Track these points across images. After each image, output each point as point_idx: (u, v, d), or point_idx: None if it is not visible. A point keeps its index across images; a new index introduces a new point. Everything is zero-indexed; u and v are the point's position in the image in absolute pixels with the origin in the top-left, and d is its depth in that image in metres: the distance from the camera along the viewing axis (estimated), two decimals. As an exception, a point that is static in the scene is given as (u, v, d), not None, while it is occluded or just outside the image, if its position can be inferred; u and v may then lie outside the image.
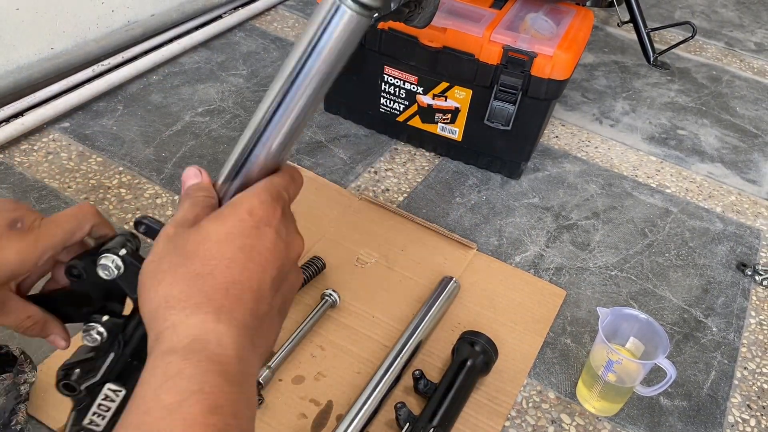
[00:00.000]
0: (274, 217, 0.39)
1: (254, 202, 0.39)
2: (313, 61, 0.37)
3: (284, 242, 0.39)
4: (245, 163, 0.41)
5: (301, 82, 0.38)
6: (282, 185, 0.41)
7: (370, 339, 0.90)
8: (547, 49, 1.03)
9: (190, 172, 0.44)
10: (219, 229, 0.38)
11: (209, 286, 0.36)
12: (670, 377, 0.78)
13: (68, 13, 1.27)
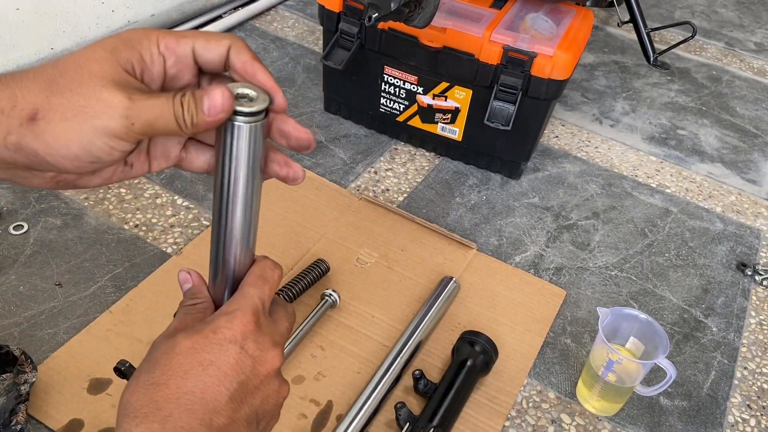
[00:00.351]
0: (241, 333, 0.41)
1: (222, 321, 0.41)
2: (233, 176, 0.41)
3: (251, 357, 0.41)
4: (219, 263, 0.45)
5: (231, 195, 0.42)
6: (255, 294, 0.43)
7: (370, 339, 0.90)
8: (547, 49, 1.03)
9: (181, 277, 0.47)
10: (185, 342, 0.40)
11: (161, 395, 0.38)
12: (670, 377, 0.78)
13: (68, 13, 1.27)
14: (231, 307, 0.42)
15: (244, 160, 0.40)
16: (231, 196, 0.42)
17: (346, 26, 1.14)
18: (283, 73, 1.40)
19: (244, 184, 0.41)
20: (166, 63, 0.40)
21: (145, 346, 0.84)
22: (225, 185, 0.41)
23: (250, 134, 0.39)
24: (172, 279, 0.93)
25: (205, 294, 0.46)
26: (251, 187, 0.42)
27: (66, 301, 0.89)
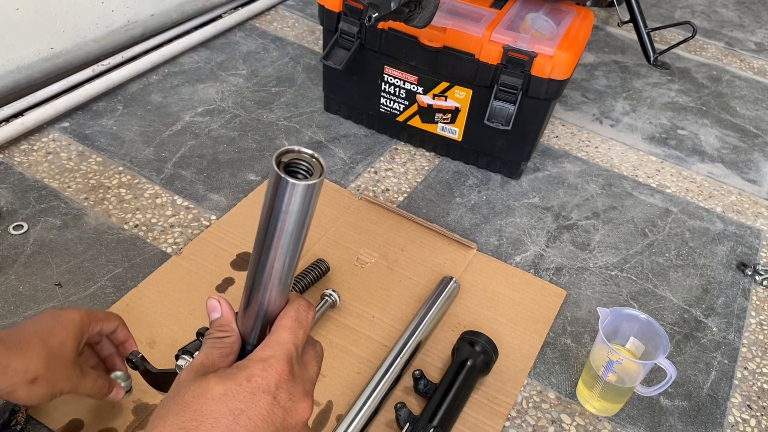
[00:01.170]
0: (275, 382, 0.40)
1: (256, 369, 0.41)
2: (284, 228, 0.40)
3: (283, 409, 0.40)
4: (252, 299, 0.44)
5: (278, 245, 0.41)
6: (290, 340, 0.43)
7: (370, 339, 0.90)
8: (547, 48, 1.03)
9: (210, 305, 0.46)
10: (217, 387, 0.40)
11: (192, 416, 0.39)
12: (671, 377, 0.78)
13: (68, 13, 1.27)
14: (266, 353, 0.42)
15: (296, 216, 0.39)
16: (275, 246, 0.41)
17: (346, 26, 1.14)
18: (283, 73, 1.40)
19: (291, 239, 0.41)
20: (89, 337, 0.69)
21: (145, 345, 0.84)
22: (273, 236, 0.40)
23: (305, 193, 0.39)
24: (172, 279, 0.93)
25: (233, 328, 0.45)
26: (299, 241, 0.42)
27: (66, 301, 0.89)
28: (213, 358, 0.43)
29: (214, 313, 0.46)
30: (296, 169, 0.39)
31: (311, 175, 0.39)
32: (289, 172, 0.39)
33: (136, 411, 0.77)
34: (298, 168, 0.39)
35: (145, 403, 0.78)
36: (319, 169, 0.39)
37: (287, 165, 0.39)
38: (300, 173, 0.39)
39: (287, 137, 1.24)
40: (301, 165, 0.39)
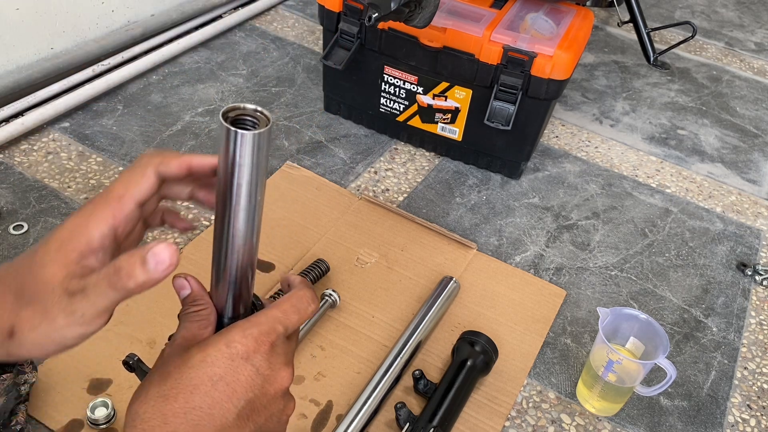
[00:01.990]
0: (255, 351, 0.41)
1: (237, 335, 0.41)
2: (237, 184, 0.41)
3: (262, 376, 0.41)
4: (221, 269, 0.45)
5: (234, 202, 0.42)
6: (278, 318, 0.43)
7: (370, 339, 0.90)
8: (547, 49, 1.03)
9: (177, 284, 0.46)
10: (197, 355, 0.41)
11: (169, 409, 0.39)
12: (671, 377, 0.78)
13: (68, 13, 1.27)
14: (250, 322, 0.42)
15: (248, 168, 0.40)
16: (234, 204, 0.42)
17: (346, 26, 1.14)
18: (283, 73, 1.40)
19: (248, 192, 0.41)
20: (118, 231, 0.43)
21: (145, 345, 0.84)
22: (229, 193, 0.41)
23: (254, 142, 0.39)
24: (171, 279, 0.93)
25: (207, 299, 0.46)
26: (255, 195, 0.42)
27: (66, 301, 0.89)
28: (192, 330, 0.43)
29: (184, 290, 0.46)
30: (243, 123, 0.40)
31: (257, 127, 0.40)
32: (237, 127, 0.39)
33: (136, 411, 0.77)
34: (245, 122, 0.40)
35: (145, 403, 0.78)
36: (265, 121, 0.40)
37: (234, 120, 0.40)
38: (247, 126, 0.40)
39: (287, 137, 1.24)
40: (247, 119, 0.40)
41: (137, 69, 1.31)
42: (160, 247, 0.39)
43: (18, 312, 0.41)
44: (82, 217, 0.42)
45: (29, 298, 0.41)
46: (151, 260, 0.39)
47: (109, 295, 0.40)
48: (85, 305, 0.40)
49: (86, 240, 0.41)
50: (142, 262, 0.39)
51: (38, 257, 0.42)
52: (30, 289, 0.41)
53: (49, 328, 0.41)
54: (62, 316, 0.40)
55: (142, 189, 0.44)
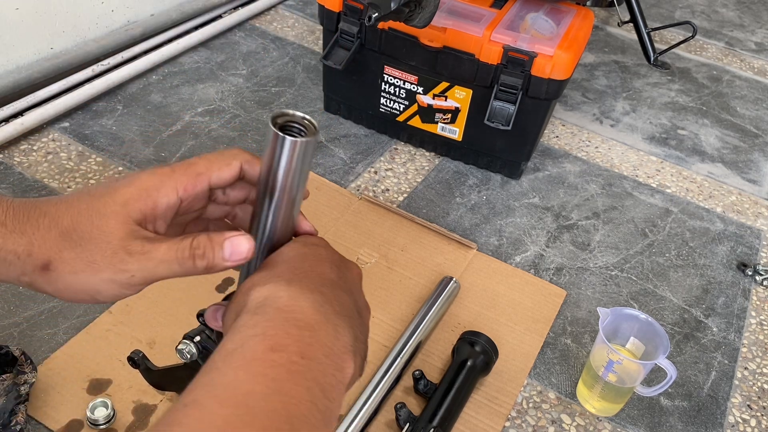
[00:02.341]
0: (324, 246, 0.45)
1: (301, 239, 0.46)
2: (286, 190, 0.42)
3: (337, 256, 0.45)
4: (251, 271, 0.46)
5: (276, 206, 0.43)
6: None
7: (370, 339, 0.89)
8: (547, 48, 1.03)
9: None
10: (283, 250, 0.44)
11: (279, 270, 0.41)
12: (671, 377, 0.78)
13: (68, 13, 1.27)
14: None
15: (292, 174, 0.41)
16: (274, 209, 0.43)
17: (346, 26, 1.14)
18: (283, 73, 1.39)
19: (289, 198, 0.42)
20: (182, 203, 0.42)
21: (145, 345, 0.84)
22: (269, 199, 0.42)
23: (300, 150, 0.40)
24: (172, 280, 0.93)
25: None
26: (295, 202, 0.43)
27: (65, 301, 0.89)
28: None
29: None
30: (290, 130, 0.41)
31: (305, 135, 0.41)
32: (285, 133, 0.40)
33: (135, 411, 0.77)
34: (292, 129, 0.41)
35: (145, 404, 0.78)
36: (312, 129, 0.41)
37: (282, 126, 0.41)
38: (294, 133, 0.41)
39: (287, 137, 1.24)
40: (295, 126, 0.41)
41: (137, 69, 1.31)
42: (241, 238, 0.41)
43: (61, 250, 0.40)
44: (156, 179, 0.42)
45: (78, 241, 0.40)
46: (228, 248, 0.40)
47: (172, 268, 0.41)
48: (141, 268, 0.40)
49: (153, 204, 0.41)
50: (220, 247, 0.40)
51: (99, 205, 0.41)
52: (82, 234, 0.40)
53: (90, 277, 0.40)
54: (110, 272, 0.40)
55: (222, 175, 0.44)
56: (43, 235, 0.40)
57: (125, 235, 0.40)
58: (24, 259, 0.40)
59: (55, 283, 0.40)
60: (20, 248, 0.40)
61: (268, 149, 0.40)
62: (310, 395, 0.35)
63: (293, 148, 0.40)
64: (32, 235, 0.40)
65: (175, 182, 0.42)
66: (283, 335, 0.36)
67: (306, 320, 0.38)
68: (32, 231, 0.40)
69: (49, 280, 0.40)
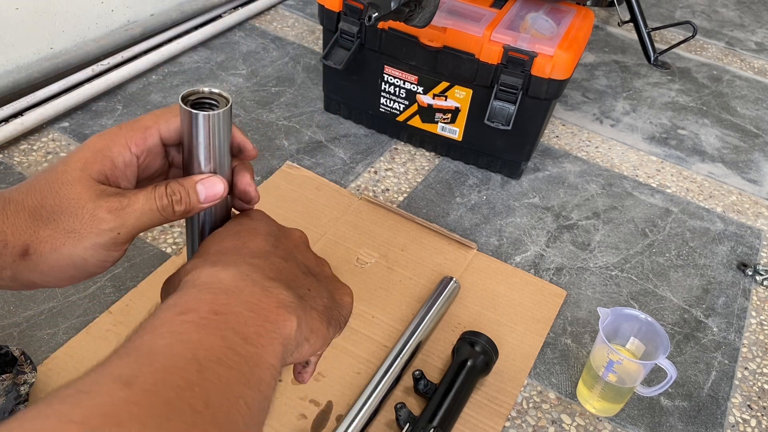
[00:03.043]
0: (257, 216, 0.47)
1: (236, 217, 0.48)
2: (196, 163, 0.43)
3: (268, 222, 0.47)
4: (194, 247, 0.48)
5: None
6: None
7: (370, 339, 0.90)
8: (547, 48, 1.03)
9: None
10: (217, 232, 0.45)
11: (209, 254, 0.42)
12: (671, 377, 0.78)
13: (68, 13, 1.27)
14: None
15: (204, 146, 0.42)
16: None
17: (346, 26, 1.14)
18: (282, 73, 1.39)
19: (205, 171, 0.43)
20: (139, 160, 0.42)
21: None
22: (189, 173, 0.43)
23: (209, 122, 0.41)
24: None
25: None
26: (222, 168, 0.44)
27: (65, 301, 0.89)
28: None
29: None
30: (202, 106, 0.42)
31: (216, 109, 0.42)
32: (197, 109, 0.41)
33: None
34: (203, 105, 0.42)
35: (145, 404, 0.78)
36: (224, 101, 0.43)
37: (194, 104, 0.42)
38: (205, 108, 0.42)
39: (287, 137, 1.23)
40: (206, 102, 0.42)
41: (137, 69, 1.31)
42: (214, 178, 0.42)
43: (35, 231, 0.39)
44: (106, 139, 0.41)
45: (49, 216, 0.39)
46: (202, 190, 0.41)
47: (153, 217, 0.40)
48: (123, 224, 0.39)
49: (110, 163, 0.41)
50: (194, 190, 0.41)
51: (58, 176, 0.40)
52: (51, 209, 0.39)
53: (72, 249, 0.39)
54: (93, 236, 0.39)
55: (171, 126, 0.43)
56: (12, 222, 0.39)
57: (96, 196, 0.39)
58: (0, 250, 0.38)
59: (39, 266, 0.39)
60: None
61: (185, 129, 0.41)
62: (226, 342, 0.34)
63: (206, 122, 0.41)
64: (2, 224, 0.39)
65: (125, 139, 0.41)
66: (194, 301, 0.36)
67: (223, 287, 0.37)
68: (1, 221, 0.39)
69: (32, 265, 0.39)
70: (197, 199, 0.41)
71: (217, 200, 0.42)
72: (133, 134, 0.41)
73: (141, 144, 0.42)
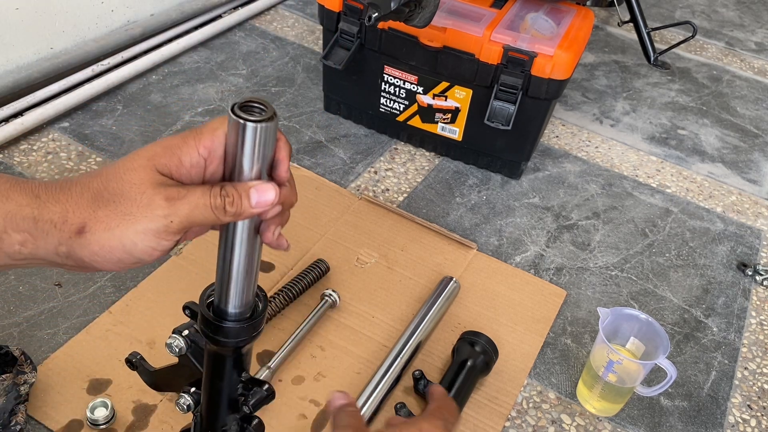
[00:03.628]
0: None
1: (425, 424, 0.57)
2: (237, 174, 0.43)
3: None
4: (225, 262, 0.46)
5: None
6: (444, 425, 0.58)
7: (370, 339, 0.90)
8: (547, 48, 1.03)
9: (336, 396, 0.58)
10: None
11: None
12: (671, 377, 0.78)
13: (68, 13, 1.27)
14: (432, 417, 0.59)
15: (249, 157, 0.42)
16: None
17: (346, 26, 1.14)
18: (283, 73, 1.39)
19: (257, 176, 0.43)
20: (206, 162, 0.43)
21: (145, 346, 0.84)
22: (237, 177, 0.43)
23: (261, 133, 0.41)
24: (171, 279, 0.93)
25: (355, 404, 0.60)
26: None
27: (65, 301, 0.89)
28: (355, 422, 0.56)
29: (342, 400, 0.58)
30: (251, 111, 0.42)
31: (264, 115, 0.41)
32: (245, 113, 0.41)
33: (135, 411, 0.77)
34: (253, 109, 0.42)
35: (145, 404, 0.78)
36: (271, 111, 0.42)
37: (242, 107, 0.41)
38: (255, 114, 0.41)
39: (287, 137, 1.23)
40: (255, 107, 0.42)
41: (137, 69, 1.31)
42: (267, 185, 0.42)
43: (94, 211, 0.41)
44: (178, 138, 0.43)
45: (110, 198, 0.41)
46: (254, 195, 0.42)
47: (206, 214, 0.41)
48: (177, 212, 0.41)
49: (178, 161, 0.42)
50: (246, 194, 0.41)
51: (126, 163, 0.42)
52: (113, 191, 0.41)
53: (125, 231, 0.41)
54: (147, 221, 0.40)
55: None
56: (76, 201, 0.41)
57: (157, 184, 0.41)
58: (60, 226, 0.41)
59: (91, 244, 0.41)
60: (56, 216, 0.41)
61: (230, 140, 0.41)
62: None
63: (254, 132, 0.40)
64: (66, 202, 0.41)
65: (194, 140, 0.43)
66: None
67: None
68: (65, 199, 0.41)
69: (85, 243, 0.41)
70: (249, 203, 0.42)
71: (268, 207, 0.42)
72: (202, 136, 0.43)
73: (209, 145, 0.43)
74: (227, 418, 0.52)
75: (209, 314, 0.47)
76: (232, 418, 0.52)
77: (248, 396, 0.51)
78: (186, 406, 0.54)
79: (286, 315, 0.90)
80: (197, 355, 0.53)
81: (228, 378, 0.50)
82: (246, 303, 0.47)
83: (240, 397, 0.51)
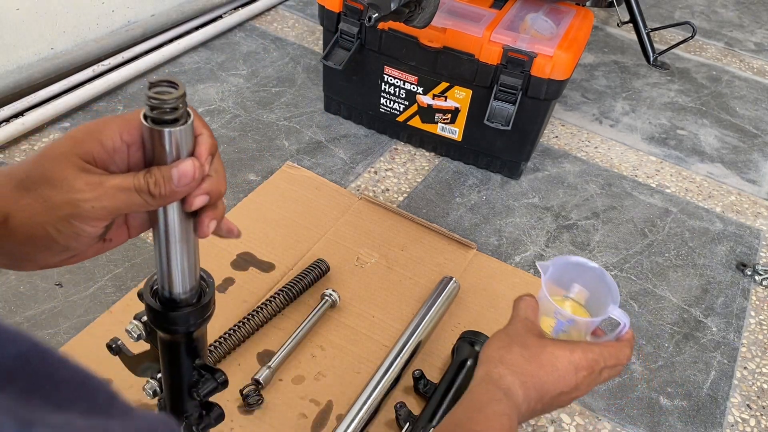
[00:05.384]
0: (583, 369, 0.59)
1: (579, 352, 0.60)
2: None
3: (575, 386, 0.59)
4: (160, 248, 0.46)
5: None
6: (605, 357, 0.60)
7: (370, 339, 0.90)
8: (547, 49, 1.03)
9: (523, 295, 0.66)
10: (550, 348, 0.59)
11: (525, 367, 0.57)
12: (624, 325, 0.69)
13: (68, 13, 1.27)
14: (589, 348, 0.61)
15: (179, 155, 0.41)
16: None
17: (346, 26, 1.14)
18: (283, 73, 1.40)
19: None
20: (130, 149, 0.42)
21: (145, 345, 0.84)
22: None
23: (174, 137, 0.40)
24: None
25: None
26: None
27: (66, 301, 0.89)
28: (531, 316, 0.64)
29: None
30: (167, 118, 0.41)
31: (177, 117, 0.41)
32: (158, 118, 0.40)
33: (136, 411, 0.77)
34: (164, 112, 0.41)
35: (146, 404, 0.78)
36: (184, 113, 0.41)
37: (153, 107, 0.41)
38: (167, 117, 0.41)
39: (287, 137, 1.24)
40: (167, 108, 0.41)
41: (137, 69, 1.31)
42: (186, 161, 0.41)
43: (17, 200, 0.40)
44: (99, 123, 0.42)
45: (32, 186, 0.40)
46: (176, 174, 0.41)
47: (131, 198, 0.40)
48: (98, 197, 0.40)
49: (99, 144, 0.41)
50: (169, 175, 0.41)
51: (49, 151, 0.41)
52: (35, 179, 0.40)
53: (47, 218, 0.40)
54: (67, 206, 0.39)
55: None
56: (0, 192, 0.40)
57: (78, 169, 0.40)
58: None
59: (16, 235, 0.40)
60: None
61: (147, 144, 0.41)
62: None
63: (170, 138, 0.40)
64: None
65: (117, 125, 0.42)
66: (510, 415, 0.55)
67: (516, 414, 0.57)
68: None
69: (10, 233, 0.40)
70: (173, 184, 0.41)
71: (190, 181, 0.41)
72: (126, 123, 0.42)
73: (133, 133, 0.42)
74: (187, 405, 0.52)
75: (155, 303, 0.47)
76: (192, 405, 0.52)
77: (199, 384, 0.51)
78: (152, 392, 0.54)
79: (286, 315, 0.90)
80: (156, 341, 0.52)
81: (181, 365, 0.50)
82: (190, 288, 0.47)
83: (194, 384, 0.51)
